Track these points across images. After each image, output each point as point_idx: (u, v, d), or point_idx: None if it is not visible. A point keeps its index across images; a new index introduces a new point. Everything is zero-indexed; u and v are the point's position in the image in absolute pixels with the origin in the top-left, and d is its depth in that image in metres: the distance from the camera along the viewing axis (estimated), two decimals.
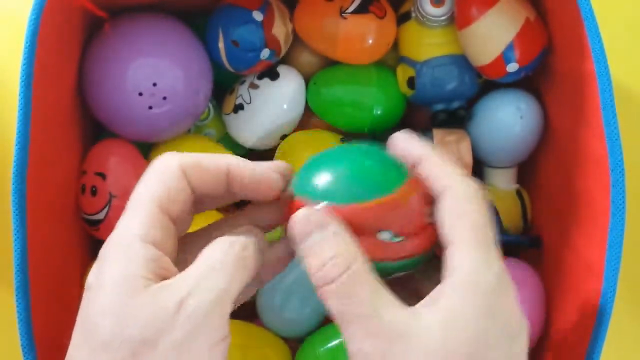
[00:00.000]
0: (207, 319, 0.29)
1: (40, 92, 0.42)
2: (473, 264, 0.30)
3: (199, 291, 0.29)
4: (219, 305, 0.29)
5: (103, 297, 0.29)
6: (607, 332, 0.41)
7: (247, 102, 0.57)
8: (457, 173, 0.33)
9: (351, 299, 0.29)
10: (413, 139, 0.35)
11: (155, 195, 0.32)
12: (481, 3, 0.51)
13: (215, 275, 0.30)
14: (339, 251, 0.30)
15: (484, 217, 0.32)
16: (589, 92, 0.43)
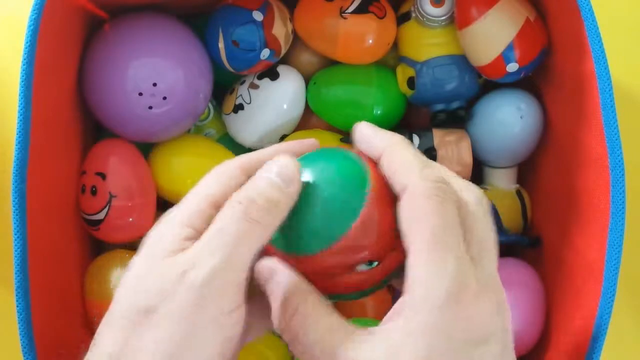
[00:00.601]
0: (209, 287, 0.28)
1: (40, 92, 0.42)
2: (428, 277, 0.28)
3: (202, 259, 0.29)
4: (222, 272, 0.29)
5: (128, 274, 0.31)
6: (607, 332, 0.41)
7: (247, 102, 0.57)
8: (417, 167, 0.31)
9: (302, 341, 0.29)
10: (376, 130, 0.34)
11: (209, 191, 0.32)
12: (481, 3, 0.51)
13: (218, 241, 0.29)
14: (286, 297, 0.30)
15: (444, 219, 0.29)
16: (589, 92, 0.43)
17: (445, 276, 0.28)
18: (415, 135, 0.55)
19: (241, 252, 0.29)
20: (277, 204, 0.30)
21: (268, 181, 0.31)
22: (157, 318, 0.28)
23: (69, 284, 0.50)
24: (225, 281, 0.29)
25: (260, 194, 0.30)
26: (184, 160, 0.56)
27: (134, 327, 0.29)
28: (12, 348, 0.44)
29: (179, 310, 0.28)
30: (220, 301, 0.29)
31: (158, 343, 0.28)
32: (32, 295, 0.41)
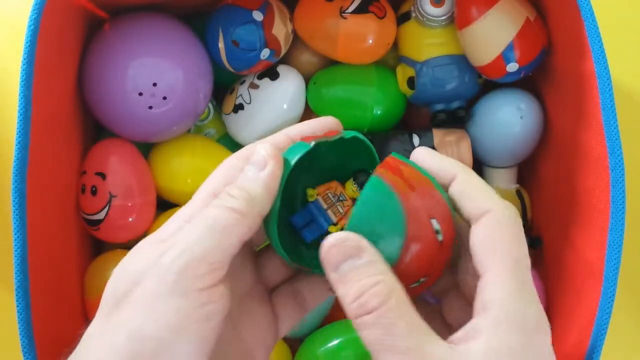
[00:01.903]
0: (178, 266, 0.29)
1: (40, 92, 0.42)
2: (510, 300, 0.29)
3: (178, 244, 0.30)
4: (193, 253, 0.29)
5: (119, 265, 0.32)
6: (607, 332, 0.41)
7: (247, 102, 0.57)
8: (495, 194, 0.32)
9: (391, 331, 0.28)
10: (440, 155, 0.34)
11: (213, 187, 0.33)
12: (481, 3, 0.51)
13: (195, 227, 0.30)
14: (378, 280, 0.29)
15: (522, 248, 0.30)
16: (589, 92, 0.43)
17: (532, 304, 0.29)
18: (415, 135, 0.55)
19: (219, 237, 0.30)
20: (250, 192, 0.31)
21: (243, 172, 0.32)
22: (131, 298, 0.29)
23: (69, 284, 0.50)
24: (197, 260, 0.29)
25: (236, 184, 0.32)
26: (184, 160, 0.56)
27: (111, 310, 0.30)
28: (12, 348, 0.44)
29: (151, 288, 0.29)
30: (192, 278, 0.29)
31: (128, 320, 0.29)
32: (32, 295, 0.41)
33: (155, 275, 0.29)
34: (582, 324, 0.44)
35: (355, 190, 0.36)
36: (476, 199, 0.31)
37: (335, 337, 0.52)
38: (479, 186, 0.32)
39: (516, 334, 0.28)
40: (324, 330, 0.54)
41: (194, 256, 0.29)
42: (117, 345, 0.28)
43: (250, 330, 0.35)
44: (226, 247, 0.30)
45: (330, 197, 0.36)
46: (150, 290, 0.29)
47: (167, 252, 0.30)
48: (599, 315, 0.41)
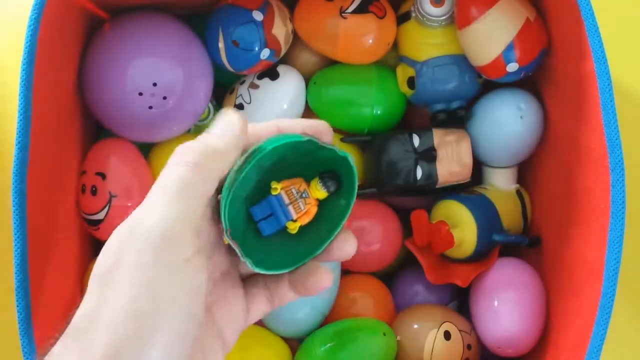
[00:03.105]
0: (158, 234, 0.29)
1: (40, 92, 0.42)
2: None
3: (149, 210, 0.30)
4: (169, 218, 0.30)
5: None
6: (607, 332, 0.41)
7: (247, 102, 0.57)
8: None
9: None
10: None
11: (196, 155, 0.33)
12: (481, 3, 0.51)
13: (161, 190, 0.31)
14: None
15: None
16: (589, 92, 0.43)
17: None
18: (415, 135, 0.55)
19: (185, 195, 0.31)
20: (214, 148, 0.32)
21: (208, 132, 0.34)
22: (117, 274, 0.29)
23: (69, 284, 0.50)
24: (174, 226, 0.30)
25: (198, 140, 0.33)
26: None
27: (99, 287, 0.30)
28: (12, 348, 0.44)
29: (133, 262, 0.29)
30: (175, 247, 0.29)
31: (120, 296, 0.29)
32: (32, 295, 0.41)
33: (134, 249, 0.29)
34: (582, 324, 0.44)
35: (321, 190, 0.36)
36: None
37: (335, 337, 0.52)
38: None
39: None
40: (324, 330, 0.54)
41: (172, 222, 0.30)
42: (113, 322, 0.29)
43: (223, 313, 0.35)
44: (197, 206, 0.31)
45: (294, 193, 0.36)
46: (132, 263, 0.29)
47: (141, 223, 0.30)
48: (599, 315, 0.41)
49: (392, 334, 0.53)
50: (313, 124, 0.36)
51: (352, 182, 0.37)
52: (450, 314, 0.55)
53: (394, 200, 0.60)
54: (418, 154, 0.55)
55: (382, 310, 0.57)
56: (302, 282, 0.36)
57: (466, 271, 0.54)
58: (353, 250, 0.37)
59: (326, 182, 0.36)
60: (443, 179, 0.55)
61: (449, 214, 0.55)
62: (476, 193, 0.57)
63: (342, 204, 0.37)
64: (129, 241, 0.30)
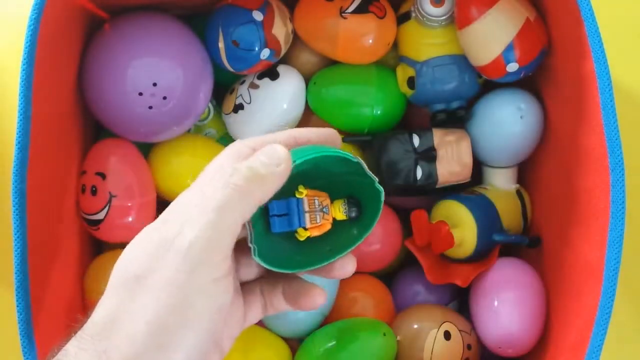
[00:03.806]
0: (194, 253, 0.29)
1: (41, 92, 0.42)
2: None
3: (188, 225, 0.30)
4: (207, 237, 0.29)
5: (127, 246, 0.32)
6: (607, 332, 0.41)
7: (247, 102, 0.57)
8: None
9: None
10: None
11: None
12: (481, 3, 0.51)
13: (203, 206, 0.30)
14: None
15: None
16: (589, 92, 0.43)
17: None
18: (415, 135, 0.55)
19: (225, 217, 0.30)
20: (261, 177, 0.32)
21: (255, 157, 0.33)
22: (146, 285, 0.29)
23: (69, 284, 0.50)
24: (211, 248, 0.30)
25: (245, 166, 0.32)
26: (184, 160, 0.56)
27: (125, 293, 0.30)
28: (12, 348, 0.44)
29: (167, 277, 0.29)
30: (207, 268, 0.29)
31: (147, 308, 0.29)
32: (32, 295, 0.41)
33: (170, 263, 0.29)
34: (582, 324, 0.44)
35: (342, 213, 0.36)
36: None
37: (335, 337, 0.52)
38: None
39: None
40: (324, 330, 0.54)
41: (208, 243, 0.29)
42: (135, 334, 0.29)
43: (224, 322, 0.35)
44: (234, 229, 0.31)
45: (315, 204, 0.36)
46: (166, 279, 0.29)
47: (177, 238, 0.29)
48: (599, 315, 0.41)
49: (392, 334, 0.53)
50: (326, 132, 0.37)
51: (374, 217, 0.37)
52: (450, 314, 0.55)
53: (394, 200, 0.60)
54: (418, 154, 0.55)
55: (382, 310, 0.57)
56: (296, 299, 0.36)
57: (466, 271, 0.54)
58: (352, 270, 0.38)
59: (351, 207, 0.37)
60: (443, 179, 0.55)
61: (449, 214, 0.55)
62: (476, 193, 0.57)
63: (354, 233, 0.37)
64: (165, 255, 0.29)
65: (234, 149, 0.35)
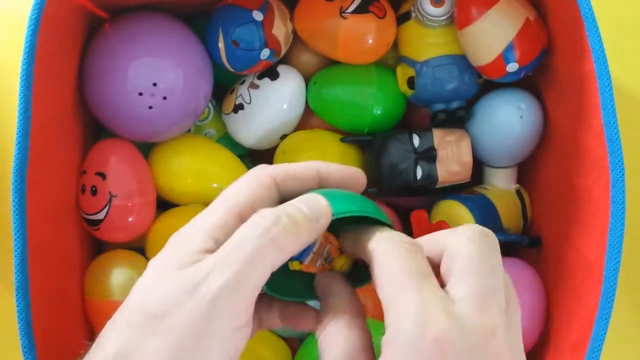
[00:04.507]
0: (219, 302, 0.28)
1: (40, 92, 0.42)
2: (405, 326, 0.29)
3: (215, 273, 0.28)
4: (234, 288, 0.28)
5: (143, 277, 0.31)
6: (607, 332, 0.41)
7: (247, 102, 0.57)
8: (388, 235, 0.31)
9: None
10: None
11: (238, 201, 0.31)
12: (481, 3, 0.51)
13: (234, 255, 0.29)
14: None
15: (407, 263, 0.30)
16: (589, 92, 0.43)
17: (430, 324, 0.28)
18: (415, 135, 0.55)
19: (255, 269, 0.29)
20: (299, 230, 0.30)
21: (296, 207, 0.31)
22: (164, 326, 0.28)
23: (69, 284, 0.50)
24: (236, 298, 0.28)
25: (287, 214, 0.30)
26: (184, 160, 0.56)
27: (140, 330, 0.28)
28: (12, 348, 0.44)
29: (187, 322, 0.28)
30: (229, 317, 0.28)
31: (161, 351, 0.28)
32: (32, 295, 0.41)
33: (192, 309, 0.28)
34: (582, 324, 0.44)
35: (343, 269, 0.35)
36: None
37: None
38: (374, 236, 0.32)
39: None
40: None
41: (234, 293, 0.28)
42: None
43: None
44: (262, 281, 0.29)
45: (323, 251, 0.34)
46: (186, 324, 0.28)
47: (203, 283, 0.28)
48: (599, 315, 0.41)
49: None
50: (352, 172, 0.35)
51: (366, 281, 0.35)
52: None
53: (394, 200, 0.60)
54: (418, 154, 0.55)
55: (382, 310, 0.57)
56: (291, 321, 0.35)
57: None
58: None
59: (359, 276, 0.34)
60: (443, 179, 0.55)
61: (449, 214, 0.55)
62: (476, 193, 0.57)
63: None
64: (187, 299, 0.28)
65: (256, 175, 0.33)
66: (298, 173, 0.33)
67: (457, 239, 0.31)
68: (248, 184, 0.32)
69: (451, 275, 0.30)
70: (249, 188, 0.32)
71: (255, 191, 0.32)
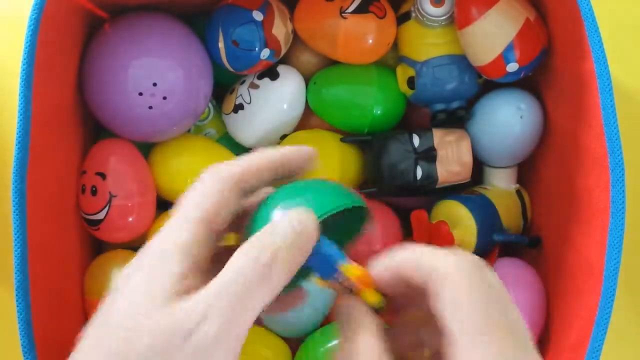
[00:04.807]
0: (215, 349, 0.26)
1: (41, 92, 0.42)
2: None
3: (209, 318, 0.26)
4: (231, 330, 0.27)
5: (124, 307, 0.28)
6: (607, 332, 0.41)
7: (247, 102, 0.57)
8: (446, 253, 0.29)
9: None
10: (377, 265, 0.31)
11: (205, 211, 0.29)
12: (481, 3, 0.51)
13: (228, 294, 0.27)
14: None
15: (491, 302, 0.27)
16: (589, 92, 0.43)
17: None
18: (415, 135, 0.55)
19: (251, 305, 0.27)
20: (293, 260, 0.29)
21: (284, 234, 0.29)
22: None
23: (69, 284, 0.50)
24: (233, 338, 0.27)
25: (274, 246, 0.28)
26: (184, 160, 0.56)
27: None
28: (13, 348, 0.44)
29: None
30: (223, 353, 0.27)
31: None
32: (32, 295, 0.41)
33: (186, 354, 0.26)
34: (582, 324, 0.44)
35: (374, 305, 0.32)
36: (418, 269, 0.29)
37: (335, 337, 0.52)
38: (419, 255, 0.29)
39: None
40: (324, 330, 0.54)
41: (228, 339, 0.26)
42: None
43: None
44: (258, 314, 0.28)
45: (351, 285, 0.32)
46: None
47: (197, 330, 0.26)
48: (599, 315, 0.41)
49: None
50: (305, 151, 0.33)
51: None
52: None
53: (394, 200, 0.60)
54: (418, 154, 0.55)
55: None
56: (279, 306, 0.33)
57: None
58: None
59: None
60: (443, 179, 0.55)
61: (449, 214, 0.55)
62: (476, 193, 0.57)
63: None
64: (181, 345, 0.26)
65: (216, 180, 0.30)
66: (256, 167, 0.31)
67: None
68: (210, 189, 0.30)
69: None
70: (212, 195, 0.30)
71: (219, 197, 0.30)
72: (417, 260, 0.29)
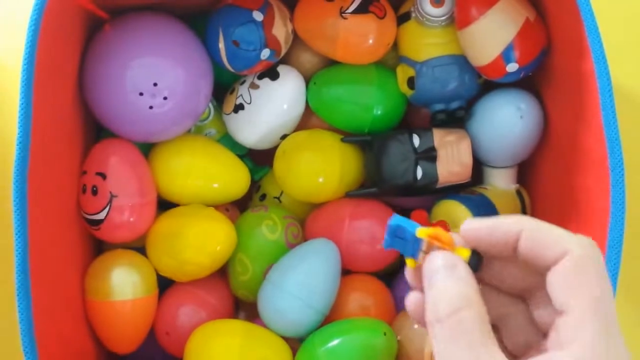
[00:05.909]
0: None
1: (41, 92, 0.42)
2: (592, 342, 0.28)
3: None
4: None
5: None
6: None
7: (248, 102, 0.57)
8: (569, 236, 0.31)
9: (453, 344, 0.28)
10: (492, 220, 0.32)
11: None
12: (481, 3, 0.51)
13: None
14: (453, 293, 0.29)
15: (603, 286, 0.29)
16: (589, 92, 0.43)
17: (609, 344, 0.28)
18: (415, 135, 0.55)
19: None
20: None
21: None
22: None
23: (69, 284, 0.50)
24: None
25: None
26: (184, 160, 0.56)
27: None
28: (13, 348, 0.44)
29: None
30: None
31: None
32: (33, 295, 0.41)
33: None
34: None
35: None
36: (549, 246, 0.31)
37: (335, 337, 0.52)
38: (548, 232, 0.32)
39: None
40: (324, 330, 0.54)
41: None
42: None
43: None
44: None
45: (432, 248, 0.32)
46: None
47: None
48: None
49: (392, 334, 0.53)
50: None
51: None
52: None
53: (394, 200, 0.60)
54: (418, 154, 0.55)
55: (382, 310, 0.57)
56: None
57: None
58: None
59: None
60: (443, 179, 0.55)
61: (449, 214, 0.55)
62: (476, 193, 0.57)
63: None
64: None
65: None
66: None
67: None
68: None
69: None
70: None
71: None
72: (544, 236, 0.31)
